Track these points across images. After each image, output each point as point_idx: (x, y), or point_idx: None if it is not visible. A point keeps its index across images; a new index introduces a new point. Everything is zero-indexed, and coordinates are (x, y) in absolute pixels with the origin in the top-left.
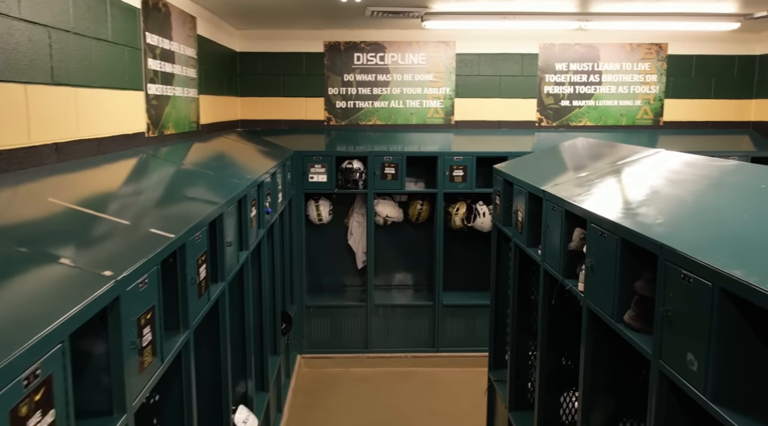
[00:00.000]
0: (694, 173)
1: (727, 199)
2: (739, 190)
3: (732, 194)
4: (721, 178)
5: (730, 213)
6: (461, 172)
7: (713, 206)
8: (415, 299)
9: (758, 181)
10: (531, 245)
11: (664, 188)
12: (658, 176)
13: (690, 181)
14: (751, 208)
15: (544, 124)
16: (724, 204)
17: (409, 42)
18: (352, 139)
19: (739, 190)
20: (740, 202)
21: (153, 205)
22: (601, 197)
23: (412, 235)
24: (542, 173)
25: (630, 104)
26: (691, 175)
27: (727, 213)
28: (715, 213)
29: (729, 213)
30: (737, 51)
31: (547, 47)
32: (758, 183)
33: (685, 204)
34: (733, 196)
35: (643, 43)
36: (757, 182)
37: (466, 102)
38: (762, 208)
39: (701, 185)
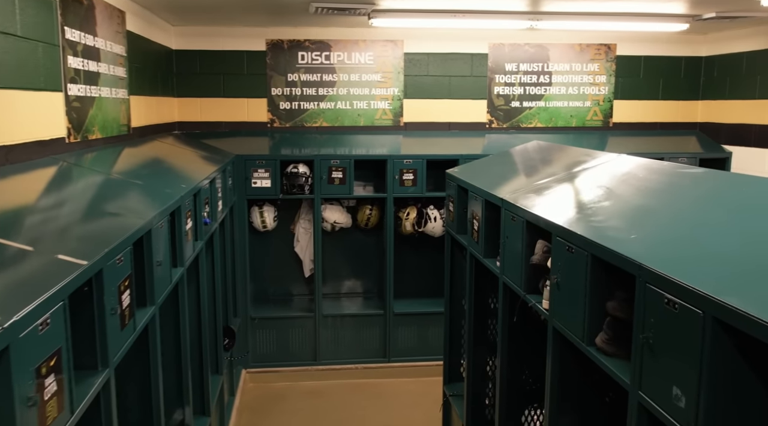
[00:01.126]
0: (662, 181)
1: (704, 211)
2: (715, 201)
3: (708, 206)
4: (692, 187)
5: (709, 228)
6: (411, 176)
7: (690, 220)
8: (366, 308)
9: (733, 191)
10: (488, 256)
11: (632, 198)
12: (623, 184)
13: (660, 191)
14: (732, 223)
15: (494, 125)
16: (701, 218)
17: (356, 41)
18: (297, 142)
19: (714, 201)
20: (719, 215)
21: (66, 224)
22: (564, 207)
23: (361, 242)
24: (498, 179)
25: (580, 105)
26: (659, 183)
27: (707, 228)
28: (693, 228)
29: (708, 228)
30: (684, 52)
31: (496, 47)
32: (734, 193)
33: (659, 216)
34: (709, 209)
35: (592, 44)
36: (732, 192)
37: (415, 103)
38: (744, 223)
39: (673, 196)
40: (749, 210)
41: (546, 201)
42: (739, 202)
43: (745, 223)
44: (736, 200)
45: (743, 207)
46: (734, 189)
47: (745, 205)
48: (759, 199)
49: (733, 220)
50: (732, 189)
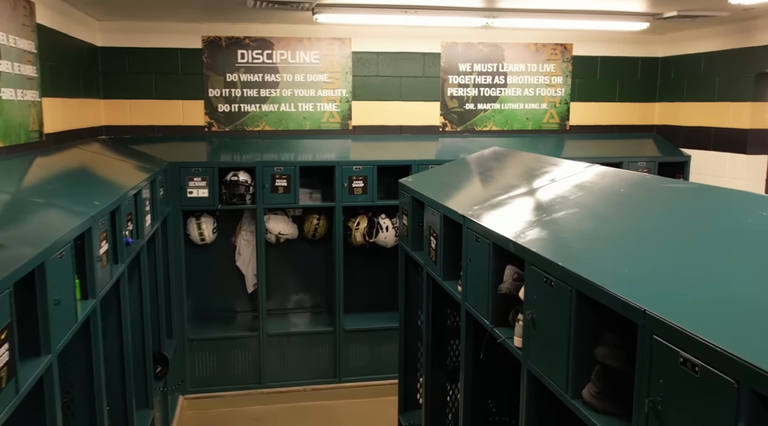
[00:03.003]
0: (647, 198)
1: (706, 238)
2: (715, 224)
3: (709, 231)
4: (683, 205)
5: (720, 260)
6: (361, 183)
7: (692, 249)
8: (314, 325)
9: (728, 210)
10: (449, 278)
11: (616, 219)
12: (603, 200)
13: (646, 210)
14: (745, 254)
15: (448, 129)
16: (705, 246)
17: (300, 38)
18: (237, 148)
19: (714, 224)
20: (725, 243)
21: None
22: (537, 228)
23: (308, 253)
24: (457, 191)
25: (536, 108)
26: (644, 201)
27: (717, 260)
28: (699, 260)
29: (719, 260)
30: (640, 53)
31: (449, 46)
32: (731, 214)
33: (654, 244)
34: (712, 235)
35: (548, 44)
36: (729, 212)
37: (365, 105)
38: (757, 253)
39: (664, 217)
40: (757, 236)
41: (515, 220)
42: (744, 227)
43: (758, 253)
44: (736, 223)
45: (750, 233)
46: (728, 207)
47: (751, 230)
48: (763, 224)
49: (744, 249)
50: (726, 207)
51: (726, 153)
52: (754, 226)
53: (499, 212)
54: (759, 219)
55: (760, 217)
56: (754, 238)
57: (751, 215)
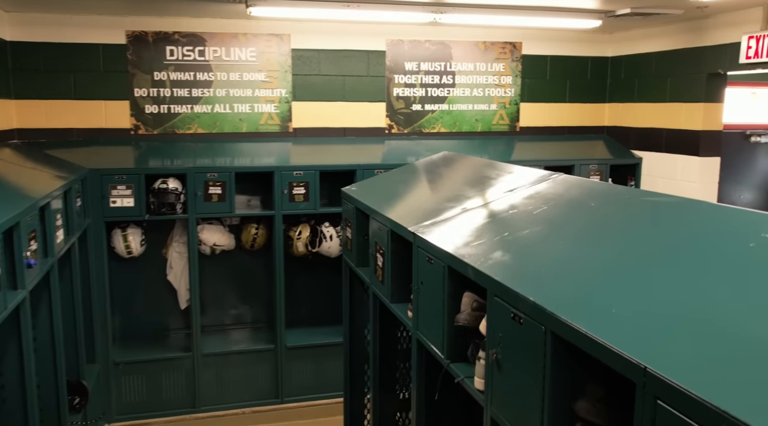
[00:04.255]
0: (625, 215)
1: (709, 270)
2: (715, 251)
3: (711, 260)
4: (673, 225)
5: (730, 301)
6: (302, 190)
7: (693, 283)
8: (254, 342)
9: (730, 233)
10: (397, 300)
11: (593, 240)
12: (573, 216)
13: (628, 230)
14: (760, 291)
15: (394, 130)
16: (708, 279)
17: (235, 34)
18: (167, 153)
19: (714, 251)
20: (735, 276)
21: None
22: (499, 250)
23: (247, 265)
24: (405, 202)
25: (485, 108)
26: (622, 219)
27: (727, 301)
28: (707, 299)
29: (730, 301)
30: (590, 52)
31: (395, 44)
32: (734, 237)
33: (648, 278)
34: (716, 265)
35: (497, 42)
36: (729, 236)
37: (306, 106)
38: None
39: (655, 241)
40: (758, 264)
41: (472, 238)
42: (747, 253)
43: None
44: (736, 247)
45: (757, 260)
46: (721, 227)
47: (756, 257)
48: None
49: (756, 282)
50: (718, 227)
51: (678, 155)
52: (759, 252)
53: (454, 228)
54: (763, 243)
55: (764, 240)
56: (763, 267)
57: (752, 237)
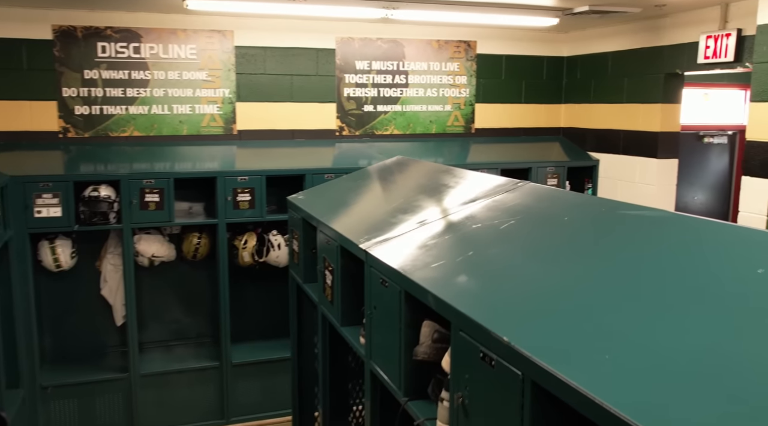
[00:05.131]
0: (606, 233)
1: (712, 305)
2: (720, 280)
3: (716, 294)
4: (664, 247)
5: (747, 349)
6: (248, 196)
7: (697, 322)
8: (197, 359)
9: (733, 257)
10: (349, 323)
11: (572, 263)
12: (546, 233)
13: (611, 251)
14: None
15: (345, 133)
16: (714, 317)
17: (173, 30)
18: (100, 157)
19: (718, 281)
20: (747, 310)
21: None
22: (465, 273)
23: (189, 277)
24: (357, 213)
25: (440, 109)
26: (603, 238)
27: (741, 350)
28: (722, 346)
29: (746, 350)
30: (545, 52)
31: (345, 42)
32: (740, 263)
33: (644, 313)
34: (722, 299)
35: (451, 41)
36: (733, 261)
37: (251, 107)
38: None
39: (645, 265)
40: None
41: (433, 258)
42: (758, 283)
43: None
44: (744, 275)
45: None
46: (723, 251)
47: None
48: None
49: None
50: (719, 250)
51: (636, 157)
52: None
53: (411, 245)
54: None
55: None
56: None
57: (760, 261)
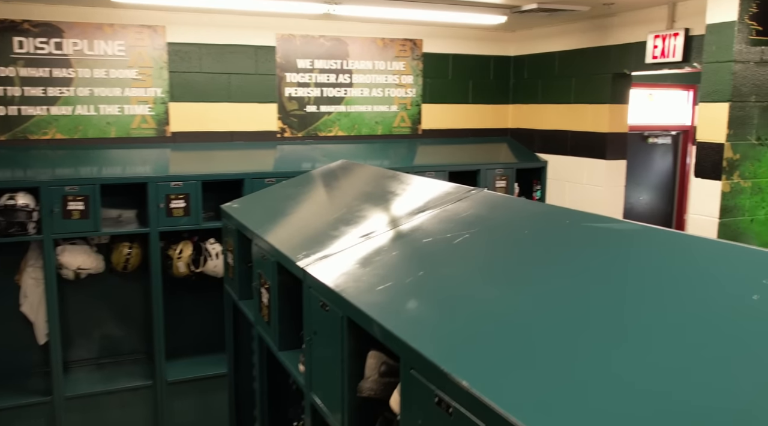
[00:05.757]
0: (575, 248)
1: (715, 338)
2: (708, 310)
3: (712, 323)
4: (643, 266)
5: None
6: (182, 203)
7: (698, 359)
8: (129, 378)
9: (720, 278)
10: (287, 347)
11: (540, 285)
12: (505, 249)
13: (583, 270)
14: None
15: (287, 134)
16: (719, 350)
17: (99, 24)
18: (17, 162)
19: (709, 307)
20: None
21: None
22: (416, 297)
23: (120, 289)
24: (295, 223)
25: (386, 110)
26: (573, 254)
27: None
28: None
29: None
30: (492, 51)
31: (286, 39)
32: (730, 285)
33: (634, 349)
34: (723, 331)
35: (397, 39)
36: (722, 283)
37: (186, 107)
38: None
39: (623, 289)
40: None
41: (380, 277)
42: (754, 310)
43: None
44: (738, 303)
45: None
46: (709, 270)
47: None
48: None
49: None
50: (705, 269)
51: (584, 158)
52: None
53: (355, 263)
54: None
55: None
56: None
57: (753, 285)
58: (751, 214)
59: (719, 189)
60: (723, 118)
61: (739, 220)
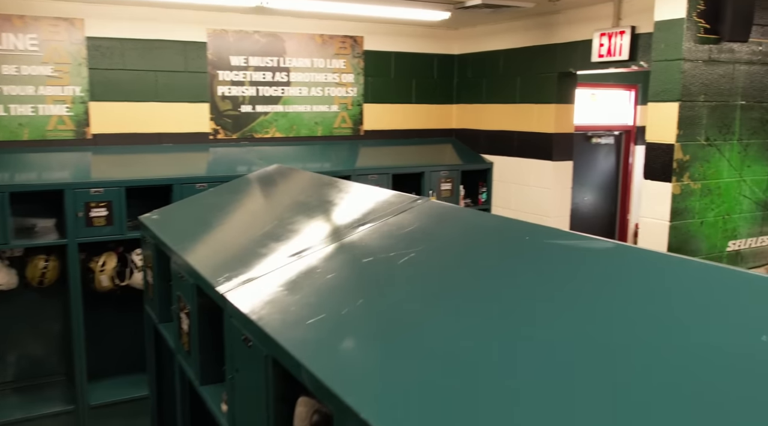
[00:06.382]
0: (524, 267)
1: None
2: (698, 353)
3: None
4: (616, 288)
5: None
6: (104, 211)
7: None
8: (48, 403)
9: (716, 316)
10: (210, 380)
11: (503, 324)
12: (458, 269)
13: (546, 298)
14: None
15: (221, 136)
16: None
17: (7, 16)
18: None
19: (697, 354)
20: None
21: None
22: (355, 334)
23: (37, 306)
24: (220, 238)
25: (326, 110)
26: (524, 276)
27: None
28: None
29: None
30: (436, 49)
31: (218, 35)
32: (730, 325)
33: (620, 401)
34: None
35: (336, 35)
36: (719, 323)
37: (108, 107)
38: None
39: (596, 322)
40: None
41: (310, 310)
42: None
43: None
44: (731, 342)
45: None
46: (682, 296)
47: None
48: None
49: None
50: (676, 295)
51: (531, 159)
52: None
53: (284, 289)
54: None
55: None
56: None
57: (758, 326)
58: (701, 216)
59: (670, 191)
60: (673, 118)
61: (689, 222)
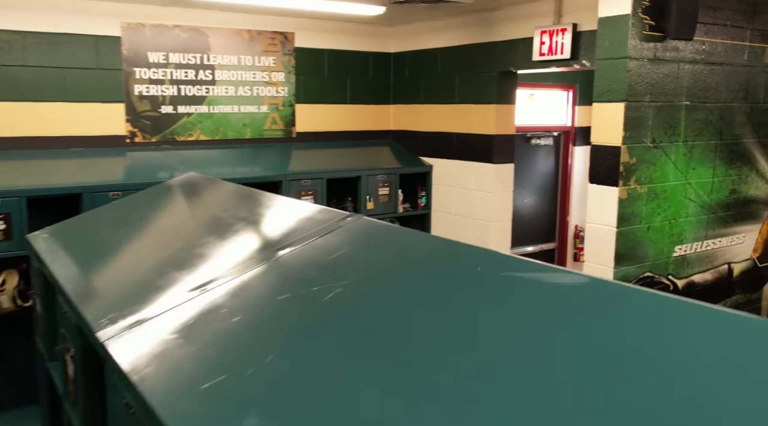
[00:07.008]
0: (484, 313)
1: None
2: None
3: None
4: (584, 332)
5: None
6: (1, 225)
7: None
8: None
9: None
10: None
11: (435, 374)
12: (399, 320)
13: (510, 354)
14: None
15: (139, 139)
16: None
17: None
18: None
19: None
20: None
21: None
22: (257, 405)
23: None
24: (115, 265)
25: (255, 111)
26: (485, 321)
27: None
28: None
29: None
30: (371, 47)
31: (134, 29)
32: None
33: None
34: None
35: (265, 31)
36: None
37: (7, 108)
38: None
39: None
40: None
41: (209, 368)
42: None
43: None
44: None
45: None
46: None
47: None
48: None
49: None
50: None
51: (471, 162)
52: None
53: (179, 337)
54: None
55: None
56: None
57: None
58: (647, 221)
59: (616, 196)
60: (618, 119)
61: (636, 228)
